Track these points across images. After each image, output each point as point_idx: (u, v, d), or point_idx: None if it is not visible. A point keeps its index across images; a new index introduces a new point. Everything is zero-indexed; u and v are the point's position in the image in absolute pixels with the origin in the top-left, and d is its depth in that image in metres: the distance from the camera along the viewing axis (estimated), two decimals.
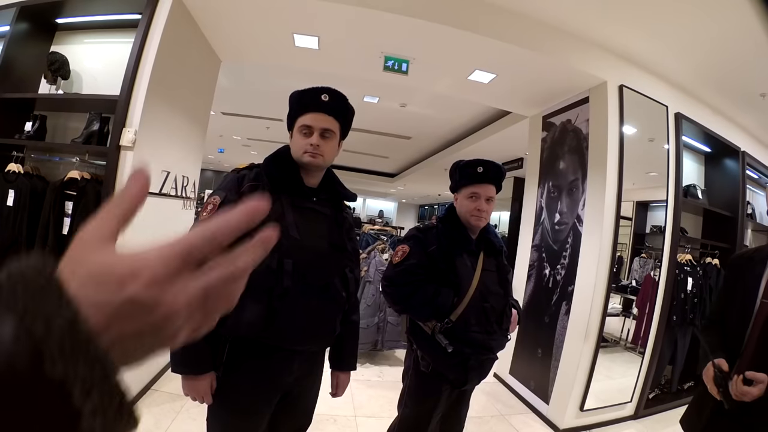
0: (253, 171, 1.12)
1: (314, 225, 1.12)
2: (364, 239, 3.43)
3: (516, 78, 2.68)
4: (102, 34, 2.34)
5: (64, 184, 2.02)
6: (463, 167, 1.47)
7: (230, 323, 1.01)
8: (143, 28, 2.01)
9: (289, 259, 1.03)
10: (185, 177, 2.63)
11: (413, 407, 1.50)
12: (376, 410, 2.46)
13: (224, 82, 3.44)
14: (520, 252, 3.14)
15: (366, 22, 2.23)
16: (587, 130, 2.57)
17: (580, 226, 2.51)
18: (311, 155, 1.10)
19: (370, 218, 12.68)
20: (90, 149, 2.07)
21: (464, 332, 1.36)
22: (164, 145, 2.31)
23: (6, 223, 2.08)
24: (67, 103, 2.24)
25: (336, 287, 1.16)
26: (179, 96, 2.40)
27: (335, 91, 1.13)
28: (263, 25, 2.41)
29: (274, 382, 1.09)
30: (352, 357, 1.31)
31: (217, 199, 1.05)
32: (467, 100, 3.44)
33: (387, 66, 2.56)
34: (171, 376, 2.54)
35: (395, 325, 3.12)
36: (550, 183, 2.89)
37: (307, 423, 1.26)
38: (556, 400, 2.50)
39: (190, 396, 1.04)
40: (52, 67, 2.22)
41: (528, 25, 2.29)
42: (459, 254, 1.43)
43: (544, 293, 2.76)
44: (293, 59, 2.81)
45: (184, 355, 1.01)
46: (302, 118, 1.11)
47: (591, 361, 2.37)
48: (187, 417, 2.11)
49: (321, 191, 1.18)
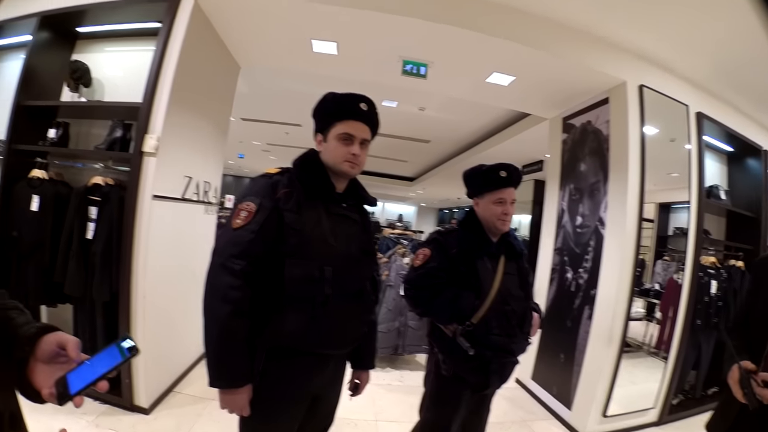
0: (285, 176, 1.10)
1: (347, 231, 1.12)
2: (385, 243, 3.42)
3: (535, 80, 2.65)
4: (122, 43, 2.39)
5: (88, 189, 2.07)
6: (486, 172, 1.46)
7: (269, 334, 1.01)
8: (164, 36, 2.04)
9: (329, 266, 1.03)
10: (207, 182, 2.67)
11: (434, 411, 1.49)
12: (397, 415, 2.45)
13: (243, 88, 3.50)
14: (541, 255, 3.10)
15: (384, 26, 2.23)
16: (608, 132, 2.52)
17: (603, 229, 2.47)
18: (351, 165, 1.10)
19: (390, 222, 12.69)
20: (113, 155, 2.11)
21: (485, 335, 1.35)
22: (186, 151, 2.35)
23: (31, 227, 2.14)
24: (90, 110, 2.29)
25: (368, 291, 1.17)
26: (200, 102, 2.44)
27: (371, 100, 1.13)
28: (281, 31, 2.43)
29: (308, 387, 1.10)
30: (372, 355, 1.32)
31: (252, 206, 1.02)
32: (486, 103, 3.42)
33: (405, 70, 2.56)
34: (192, 379, 2.58)
35: (416, 329, 3.10)
36: (572, 185, 2.86)
37: (329, 424, 1.26)
38: (578, 406, 2.46)
39: (227, 409, 1.01)
40: (75, 75, 2.28)
41: (546, 26, 2.27)
42: (480, 257, 1.42)
43: (567, 297, 2.71)
44: (312, 65, 2.83)
45: (223, 369, 0.98)
46: (341, 125, 1.09)
47: (614, 366, 2.32)
48: (210, 419, 2.13)
49: (348, 197, 1.18)
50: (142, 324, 2.03)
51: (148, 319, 2.07)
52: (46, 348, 0.56)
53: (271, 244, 1.00)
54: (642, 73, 2.47)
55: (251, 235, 0.99)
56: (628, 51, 2.44)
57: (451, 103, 4.36)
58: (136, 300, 2.01)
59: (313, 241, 1.03)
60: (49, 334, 0.57)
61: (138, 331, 2.02)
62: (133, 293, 2.01)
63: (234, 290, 0.96)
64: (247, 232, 0.99)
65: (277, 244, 1.01)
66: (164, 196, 2.12)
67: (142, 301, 2.02)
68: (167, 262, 2.23)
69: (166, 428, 2.00)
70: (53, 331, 0.59)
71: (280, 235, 1.01)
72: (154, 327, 2.14)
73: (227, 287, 0.97)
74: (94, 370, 0.54)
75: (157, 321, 2.16)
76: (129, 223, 1.97)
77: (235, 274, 0.97)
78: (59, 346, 0.56)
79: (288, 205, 1.03)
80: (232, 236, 1.00)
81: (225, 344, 0.97)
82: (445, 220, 16.60)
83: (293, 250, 1.01)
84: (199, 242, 2.64)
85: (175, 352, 2.46)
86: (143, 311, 2.03)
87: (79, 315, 2.17)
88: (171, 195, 2.20)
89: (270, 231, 1.00)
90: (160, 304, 2.18)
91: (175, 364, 2.49)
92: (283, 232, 1.01)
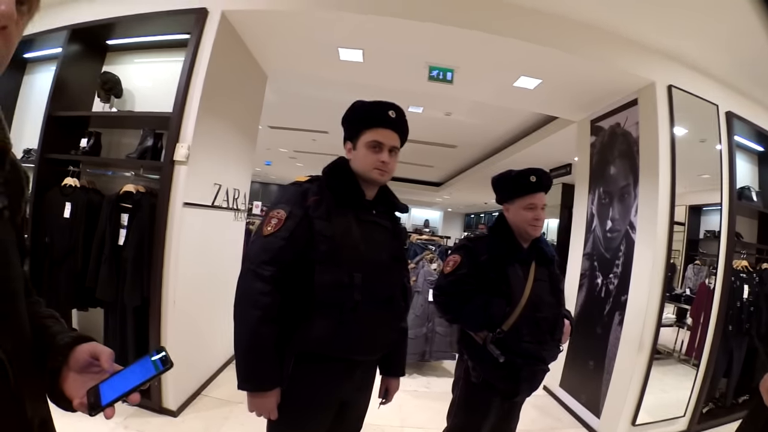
0: (315, 184, 1.11)
1: (377, 238, 1.13)
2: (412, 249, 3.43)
3: (562, 82, 2.63)
4: (151, 54, 2.46)
5: (120, 197, 2.13)
6: (515, 178, 1.45)
7: (298, 339, 1.02)
8: (192, 47, 2.09)
9: (358, 273, 1.04)
10: (236, 190, 2.71)
11: (463, 418, 1.48)
12: (423, 421, 2.43)
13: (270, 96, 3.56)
14: (571, 261, 3.05)
15: (409, 33, 2.24)
16: (637, 134, 2.47)
17: (633, 234, 2.42)
18: (381, 172, 1.10)
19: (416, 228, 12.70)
20: (144, 164, 2.17)
21: (516, 342, 1.33)
22: (216, 159, 2.39)
23: (63, 233, 2.21)
24: (121, 120, 2.36)
25: (397, 298, 1.17)
26: (229, 111, 2.49)
27: (399, 107, 1.13)
28: (308, 40, 2.46)
29: (336, 393, 1.10)
30: (402, 363, 1.32)
31: (282, 213, 1.04)
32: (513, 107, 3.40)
33: (432, 76, 2.56)
34: (220, 382, 2.62)
35: (444, 336, 3.09)
36: (601, 189, 2.81)
37: (358, 430, 1.26)
38: (607, 414, 2.40)
39: (255, 413, 1.03)
40: (106, 86, 2.35)
41: (572, 28, 2.24)
42: (510, 264, 1.40)
43: (597, 303, 2.66)
44: (338, 72, 2.86)
45: (252, 373, 1.00)
46: (371, 133, 1.10)
47: (644, 373, 2.26)
48: (236, 423, 2.15)
49: (378, 203, 1.18)
50: (171, 328, 2.07)
51: (178, 324, 2.11)
52: (79, 357, 0.56)
53: (301, 251, 1.02)
54: (670, 73, 2.41)
55: (281, 242, 1.01)
56: (656, 51, 2.39)
57: (477, 107, 4.33)
58: (166, 305, 2.05)
59: (343, 247, 1.04)
60: (83, 344, 0.57)
61: (167, 335, 2.06)
62: (164, 298, 2.05)
63: (264, 296, 0.99)
64: (278, 239, 1.01)
65: (307, 250, 1.02)
66: (195, 203, 2.16)
67: (172, 306, 2.06)
68: (197, 268, 2.27)
69: (193, 431, 2.03)
70: (87, 341, 0.59)
71: (310, 242, 1.03)
72: (184, 331, 2.18)
73: (257, 293, 0.99)
74: (126, 381, 0.54)
75: (186, 325, 2.20)
76: (160, 230, 2.02)
77: (265, 280, 0.99)
78: (93, 356, 0.57)
79: (318, 213, 1.05)
80: (263, 243, 1.03)
81: (254, 348, 0.99)
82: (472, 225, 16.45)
83: (323, 256, 1.02)
84: (228, 248, 2.68)
85: (203, 356, 2.50)
86: (173, 316, 2.07)
87: (110, 319, 2.22)
88: (201, 202, 2.25)
89: (300, 238, 1.02)
90: (189, 309, 2.22)
91: (203, 367, 2.53)
92: (313, 239, 1.03)
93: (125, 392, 0.53)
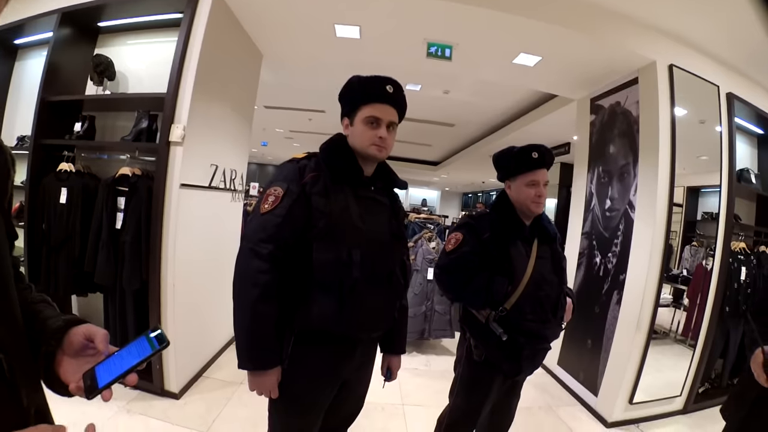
0: (312, 160, 1.10)
1: (375, 215, 1.12)
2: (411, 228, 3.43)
3: (562, 60, 2.59)
4: (144, 35, 2.41)
5: (116, 180, 2.10)
6: (517, 154, 1.43)
7: (299, 318, 1.02)
8: (186, 26, 2.05)
9: (357, 250, 1.03)
10: (233, 170, 2.69)
11: (465, 396, 1.49)
12: (423, 399, 2.47)
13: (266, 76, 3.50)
14: (569, 240, 3.06)
15: (408, 8, 2.20)
16: (637, 113, 2.45)
17: (632, 213, 2.42)
18: (378, 148, 1.08)
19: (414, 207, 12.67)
20: (140, 146, 2.14)
21: (519, 321, 1.34)
22: (212, 140, 2.36)
23: (60, 219, 2.19)
24: (115, 102, 2.32)
25: (397, 275, 1.17)
26: (224, 91, 2.45)
27: (397, 82, 1.11)
28: (303, 17, 2.41)
29: (337, 371, 1.10)
30: (403, 340, 1.32)
31: (279, 191, 1.03)
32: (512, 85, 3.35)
33: (430, 52, 2.52)
34: (222, 363, 2.64)
35: (442, 314, 3.11)
36: (600, 168, 2.80)
37: (358, 409, 1.28)
38: (605, 393, 2.44)
39: (255, 391, 1.03)
40: (98, 69, 2.30)
41: (573, 4, 2.20)
42: (513, 242, 1.40)
43: (595, 282, 2.68)
44: (335, 50, 2.80)
45: (252, 351, 1.00)
46: (368, 108, 1.08)
47: (642, 352, 2.29)
48: (239, 403, 2.18)
49: (376, 180, 1.17)
50: (171, 311, 2.07)
51: (178, 306, 2.11)
52: (73, 341, 0.55)
53: (299, 228, 1.01)
54: (672, 52, 2.39)
55: (278, 219, 1.00)
56: (658, 29, 2.36)
57: (475, 85, 4.28)
58: (165, 288, 2.05)
59: (341, 224, 1.03)
60: (76, 327, 0.56)
61: (168, 317, 2.06)
62: (163, 281, 2.04)
63: (262, 274, 0.98)
64: (275, 216, 1.00)
65: (305, 227, 1.02)
66: (192, 184, 2.14)
67: (171, 288, 2.05)
68: (195, 249, 2.27)
69: (196, 412, 2.05)
70: (81, 324, 0.57)
71: (308, 218, 1.02)
72: (184, 313, 2.18)
73: (256, 271, 0.98)
74: (123, 362, 0.52)
75: (186, 308, 2.20)
76: (157, 212, 2.00)
77: (263, 258, 0.98)
78: (87, 338, 0.55)
79: (315, 189, 1.03)
80: (260, 221, 1.01)
81: (254, 327, 0.98)
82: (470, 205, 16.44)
83: (321, 233, 1.01)
84: (227, 229, 2.67)
85: (204, 338, 2.51)
86: (173, 298, 2.06)
87: (110, 303, 2.22)
88: (198, 183, 2.23)
89: (297, 215, 1.01)
90: (189, 291, 2.22)
91: (204, 349, 2.54)
92: (311, 215, 1.02)
93: (122, 373, 0.51)
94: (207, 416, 2.03)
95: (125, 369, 0.52)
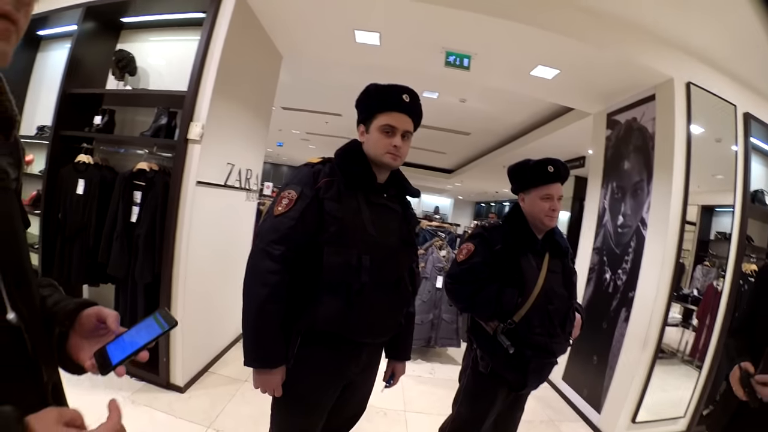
0: (327, 166, 1.12)
1: (387, 221, 1.14)
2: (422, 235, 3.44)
3: (580, 74, 2.60)
4: (166, 33, 2.44)
5: (133, 174, 2.14)
6: (533, 168, 1.43)
7: (306, 318, 1.04)
8: (208, 26, 2.08)
9: (367, 255, 1.05)
10: (249, 170, 2.72)
11: (468, 407, 1.49)
12: (426, 407, 2.47)
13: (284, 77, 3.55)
14: (580, 254, 3.05)
15: (427, 17, 2.21)
16: (653, 129, 2.44)
17: (644, 230, 2.40)
18: (393, 157, 1.10)
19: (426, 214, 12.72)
20: (158, 142, 2.17)
21: (527, 334, 1.34)
22: (229, 139, 2.39)
23: (76, 210, 2.22)
24: (135, 98, 2.36)
25: (405, 282, 1.18)
26: (243, 91, 2.48)
27: (413, 91, 1.13)
28: (324, 21, 2.44)
29: (341, 373, 1.12)
30: (408, 347, 1.33)
31: (293, 194, 1.05)
32: (528, 96, 3.36)
33: (448, 61, 2.54)
34: (228, 360, 2.66)
35: (449, 323, 3.11)
36: (614, 183, 2.79)
37: (361, 411, 1.28)
38: (608, 410, 2.42)
39: (260, 389, 1.05)
40: (120, 64, 2.34)
41: (592, 19, 2.20)
42: (524, 254, 1.40)
43: (604, 298, 2.66)
44: (354, 55, 2.83)
45: (258, 350, 1.02)
46: (384, 117, 1.09)
47: (647, 371, 2.27)
48: (242, 400, 2.19)
49: (389, 187, 1.18)
50: (182, 305, 2.10)
51: (188, 301, 2.13)
52: (85, 322, 0.57)
53: (311, 231, 1.03)
54: (689, 70, 2.37)
55: (291, 222, 1.02)
56: (676, 46, 2.35)
57: (493, 95, 4.29)
58: (177, 282, 2.08)
59: (351, 229, 1.05)
60: (88, 309, 0.58)
61: (178, 312, 2.09)
62: (175, 276, 2.07)
63: (273, 274, 1.00)
64: (288, 218, 1.03)
65: (316, 231, 1.04)
66: (207, 182, 2.17)
67: (183, 283, 2.08)
68: (208, 246, 2.29)
69: (200, 407, 2.07)
70: (92, 306, 0.59)
71: (320, 222, 1.04)
72: (193, 309, 2.21)
73: (266, 271, 1.01)
74: (133, 341, 0.55)
75: (196, 303, 2.23)
76: (173, 208, 2.03)
77: (274, 258, 1.01)
78: (99, 319, 0.58)
79: (328, 194, 1.05)
80: (274, 222, 1.04)
81: (261, 326, 1.01)
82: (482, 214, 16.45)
83: (332, 237, 1.03)
84: (240, 228, 2.70)
85: (212, 334, 2.54)
86: (183, 293, 2.09)
87: (121, 295, 2.25)
88: (214, 181, 2.26)
89: (310, 218, 1.03)
90: (199, 287, 2.25)
91: (212, 345, 2.57)
92: (323, 219, 1.04)
93: (134, 351, 0.54)
94: (211, 411, 2.05)
95: (137, 347, 0.54)
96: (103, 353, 0.54)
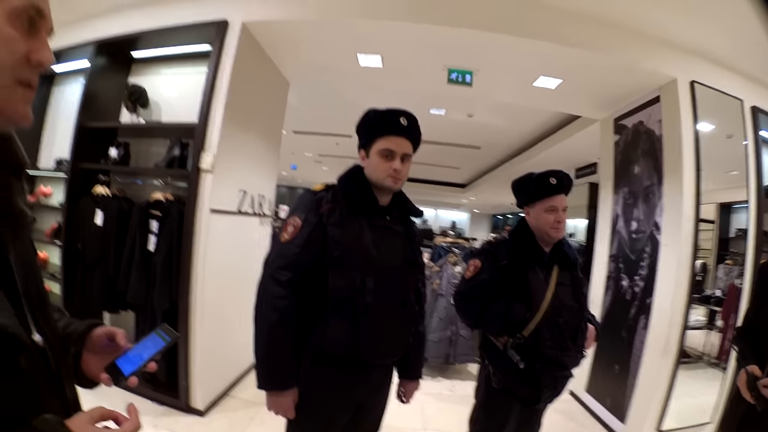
0: (329, 192, 1.15)
1: (390, 243, 1.16)
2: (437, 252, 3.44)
3: (583, 81, 2.60)
4: (176, 65, 2.53)
5: (150, 204, 2.21)
6: (535, 181, 1.44)
7: (314, 340, 1.06)
8: (214, 58, 2.15)
9: (370, 277, 1.07)
10: (261, 195, 2.77)
11: (483, 423, 1.47)
12: (446, 425, 2.43)
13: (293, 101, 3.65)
14: (596, 262, 3.01)
15: (428, 37, 2.26)
16: (660, 131, 2.42)
17: (658, 234, 2.37)
18: (394, 180, 1.13)
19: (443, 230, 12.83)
20: (172, 173, 2.25)
21: (537, 348, 1.32)
22: (240, 166, 2.45)
23: (95, 240, 2.30)
24: (148, 130, 2.44)
25: (411, 301, 1.19)
26: (252, 119, 2.55)
27: (411, 114, 1.15)
28: (327, 48, 2.51)
29: (351, 394, 1.13)
30: (419, 366, 1.34)
31: (298, 221, 1.09)
32: (535, 107, 3.38)
33: (451, 78, 2.57)
34: (247, 384, 2.68)
35: (468, 339, 3.08)
36: (626, 189, 2.76)
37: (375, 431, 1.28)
38: (632, 419, 2.36)
39: (273, 411, 1.08)
40: (132, 97, 2.43)
41: (590, 26, 2.21)
42: (531, 268, 1.40)
43: (622, 306, 2.62)
44: (358, 78, 2.90)
45: (269, 372, 1.05)
46: (383, 141, 1.12)
47: (670, 378, 2.21)
48: (261, 424, 2.21)
49: (392, 209, 1.21)
50: (200, 331, 2.14)
51: (206, 326, 2.18)
52: (97, 340, 0.63)
53: (316, 256, 1.07)
54: (692, 68, 2.35)
55: (297, 249, 1.06)
56: (677, 47, 2.33)
57: (499, 108, 4.33)
58: (194, 308, 2.12)
59: (354, 252, 1.08)
60: (98, 328, 0.65)
61: (196, 338, 2.14)
62: (192, 302, 2.12)
63: (281, 299, 1.04)
64: (293, 245, 1.07)
65: (321, 256, 1.07)
66: (221, 209, 2.23)
67: (200, 308, 2.12)
68: (224, 272, 2.34)
69: (220, 430, 2.10)
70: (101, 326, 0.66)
71: (324, 247, 1.07)
72: (211, 334, 2.25)
73: (275, 297, 1.05)
74: (140, 355, 0.60)
75: (213, 328, 2.27)
76: (188, 236, 2.09)
77: (282, 284, 1.05)
78: (108, 337, 0.64)
79: (331, 220, 1.09)
80: (280, 249, 1.09)
81: (272, 349, 1.05)
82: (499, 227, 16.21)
83: (336, 261, 1.06)
84: (254, 253, 2.73)
85: (230, 358, 2.57)
86: (201, 319, 2.14)
87: (140, 321, 2.31)
88: (227, 209, 2.31)
89: (314, 244, 1.07)
90: (217, 312, 2.29)
91: (230, 369, 2.60)
92: (327, 244, 1.07)
93: (144, 363, 0.60)
94: None
95: (146, 359, 0.60)
96: (114, 367, 0.59)
